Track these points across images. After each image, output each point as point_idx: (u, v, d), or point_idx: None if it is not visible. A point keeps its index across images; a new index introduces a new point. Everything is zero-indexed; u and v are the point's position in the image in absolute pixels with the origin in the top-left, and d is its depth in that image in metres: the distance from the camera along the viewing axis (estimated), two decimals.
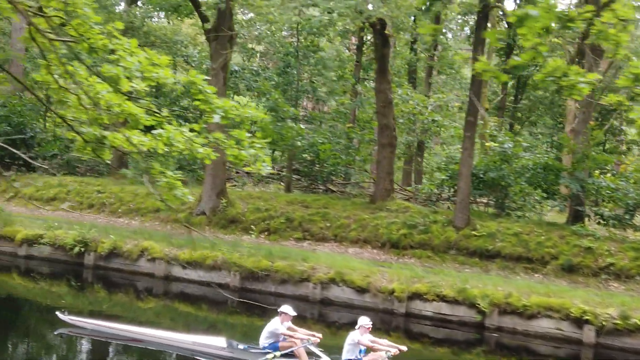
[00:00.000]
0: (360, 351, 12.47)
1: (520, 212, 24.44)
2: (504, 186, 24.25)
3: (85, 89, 6.91)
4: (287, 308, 13.00)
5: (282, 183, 30.82)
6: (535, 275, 20.33)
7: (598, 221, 23.26)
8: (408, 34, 34.05)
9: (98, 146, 7.07)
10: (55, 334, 14.99)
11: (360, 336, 12.37)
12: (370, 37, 34.32)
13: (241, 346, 13.19)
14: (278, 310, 13.06)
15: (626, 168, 26.06)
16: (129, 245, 20.92)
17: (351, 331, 12.69)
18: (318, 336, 12.78)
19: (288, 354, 12.56)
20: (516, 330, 16.95)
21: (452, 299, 17.53)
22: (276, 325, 12.81)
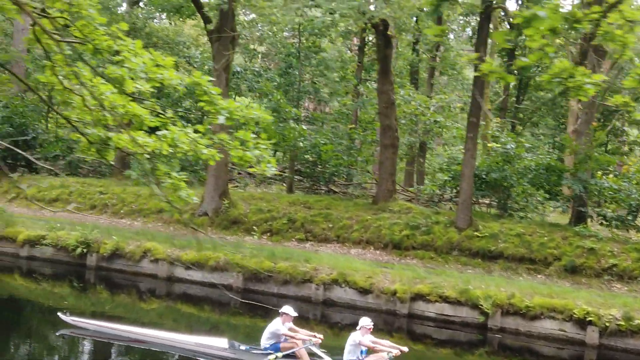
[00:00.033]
0: (361, 352, 12.47)
1: (522, 213, 24.42)
2: (507, 187, 24.23)
3: (89, 90, 6.91)
4: (288, 309, 13.00)
5: (284, 184, 30.79)
6: (538, 276, 20.30)
7: (601, 222, 23.21)
8: (410, 35, 34.05)
9: (102, 147, 7.06)
10: (57, 335, 14.98)
11: (361, 337, 12.36)
12: (372, 38, 34.36)
13: (243, 347, 13.20)
14: (279, 311, 13.07)
15: (628, 169, 25.99)
16: (132, 246, 20.90)
17: (352, 332, 12.70)
18: (319, 337, 12.79)
19: (289, 355, 12.56)
20: (519, 331, 16.94)
21: (455, 300, 17.53)
22: (277, 325, 12.82)
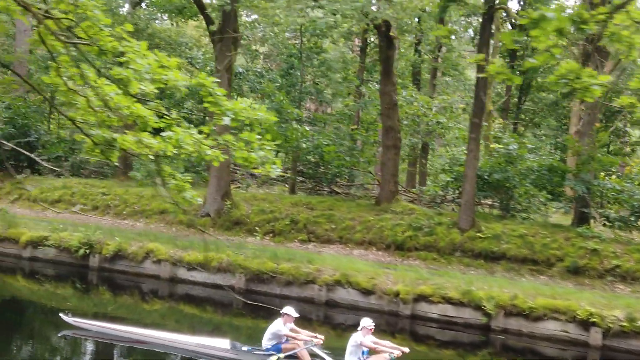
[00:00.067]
0: (363, 352, 12.45)
1: (525, 214, 24.38)
2: (509, 188, 24.19)
3: (96, 91, 6.90)
4: (290, 309, 13.00)
5: (287, 185, 30.79)
6: (540, 277, 20.27)
7: (603, 223, 23.17)
8: (412, 36, 34.04)
9: (107, 148, 7.06)
10: (59, 336, 14.98)
11: (362, 337, 12.35)
12: (374, 39, 34.37)
13: (245, 348, 13.20)
14: (280, 311, 13.07)
15: (631, 170, 25.97)
16: (134, 247, 20.89)
17: (353, 333, 12.70)
18: (320, 337, 12.80)
19: (291, 356, 12.57)
20: (522, 332, 16.89)
21: (458, 301, 17.48)
22: (279, 326, 12.82)
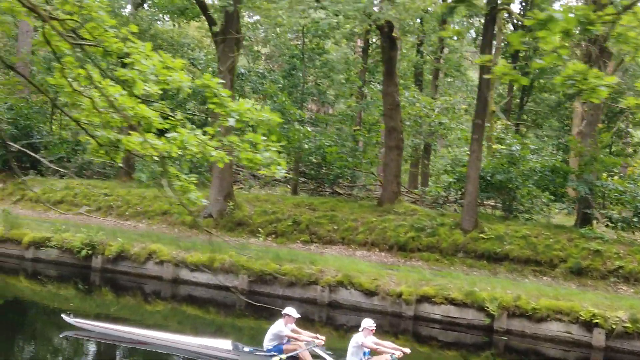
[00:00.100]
0: (364, 353, 12.46)
1: (527, 215, 24.36)
2: (512, 189, 24.16)
3: (103, 92, 6.90)
4: (291, 310, 13.02)
5: (289, 186, 30.77)
6: (543, 278, 20.25)
7: (606, 224, 23.14)
8: (414, 37, 34.01)
9: (112, 149, 7.06)
10: (61, 337, 15.02)
11: (364, 338, 12.37)
12: (375, 40, 34.36)
13: (247, 349, 13.22)
14: (282, 312, 13.08)
15: (634, 170, 25.94)
16: (137, 248, 20.90)
17: (355, 334, 12.70)
18: (322, 338, 12.82)
19: (293, 357, 12.58)
20: (525, 333, 16.89)
21: (461, 302, 17.48)
22: (280, 327, 12.84)
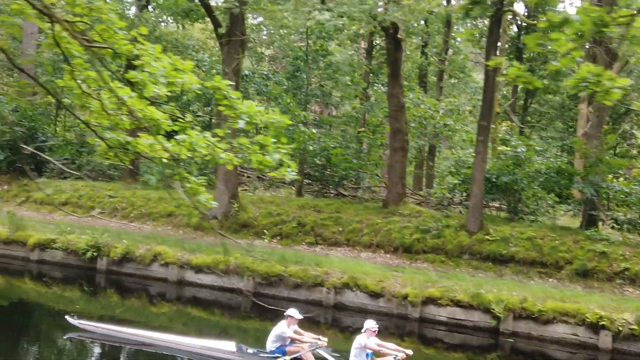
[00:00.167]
0: (367, 355, 12.46)
1: (532, 217, 24.32)
2: (517, 190, 24.11)
3: (115, 94, 6.89)
4: (294, 311, 13.05)
5: (294, 187, 30.76)
6: (549, 280, 20.20)
7: (612, 225, 23.09)
8: (418, 38, 33.99)
9: (121, 152, 7.05)
10: (65, 338, 15.04)
11: (366, 340, 12.38)
12: (379, 42, 34.35)
13: (251, 350, 13.25)
14: (284, 313, 13.09)
15: (639, 172, 25.87)
16: (142, 250, 20.91)
17: (357, 335, 12.70)
18: (324, 339, 12.83)
19: (296, 358, 12.59)
20: (531, 335, 16.85)
21: (467, 304, 17.44)
22: (283, 328, 12.85)
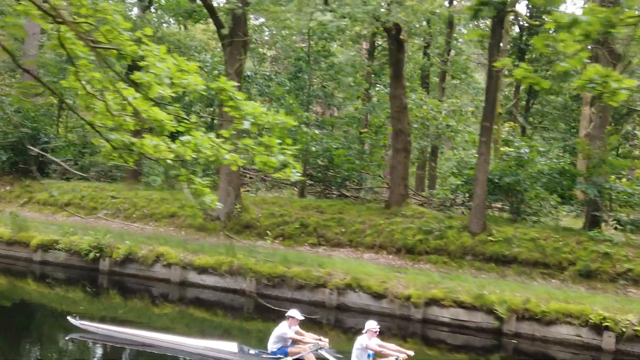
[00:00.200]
0: (368, 355, 12.48)
1: (535, 217, 24.26)
2: (520, 191, 24.05)
3: (113, 95, 6.89)
4: (295, 312, 13.05)
5: (296, 188, 30.75)
6: (552, 280, 20.16)
7: (615, 226, 23.05)
8: (420, 39, 33.97)
9: (126, 152, 7.05)
10: (66, 339, 15.04)
11: (368, 340, 12.39)
12: (381, 42, 34.33)
13: (252, 351, 13.27)
14: (286, 314, 13.08)
15: None
16: (144, 250, 20.90)
17: (359, 336, 12.70)
18: (325, 340, 12.83)
19: (298, 359, 12.58)
20: (535, 336, 16.81)
21: (470, 305, 17.40)
22: (284, 329, 12.85)
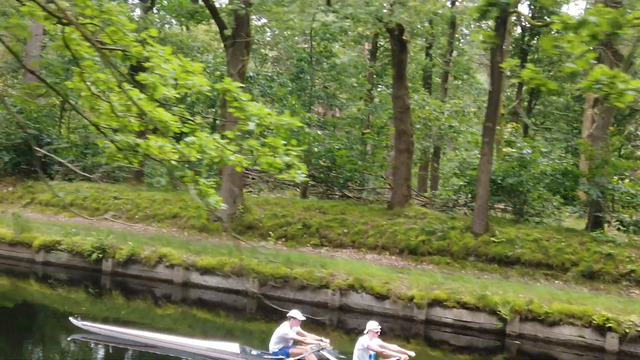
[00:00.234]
0: (370, 356, 12.50)
1: (538, 218, 24.23)
2: (522, 192, 24.03)
3: (118, 96, 6.90)
4: (296, 312, 13.07)
5: (298, 189, 30.75)
6: (555, 281, 20.14)
7: (618, 227, 23.02)
8: (422, 39, 33.96)
9: (131, 154, 7.05)
10: (68, 340, 15.05)
11: (369, 341, 12.40)
12: (383, 43, 34.31)
13: (254, 352, 13.27)
14: (287, 315, 13.08)
15: None
16: (147, 251, 20.91)
17: (360, 336, 12.70)
18: (326, 341, 12.85)
19: None
20: (538, 337, 16.81)
21: (473, 306, 17.40)
22: (285, 330, 12.87)
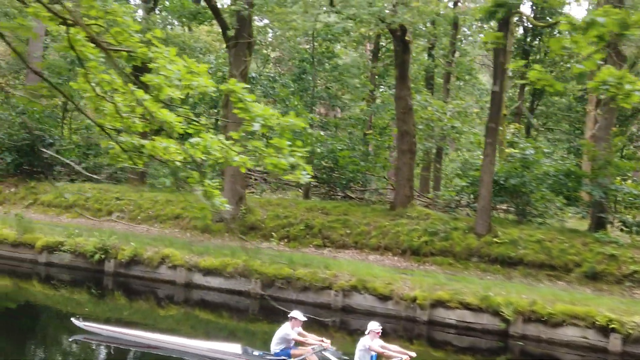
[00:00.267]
0: (371, 357, 12.48)
1: (541, 219, 24.19)
2: (525, 193, 23.99)
3: (122, 97, 6.89)
4: (297, 313, 13.08)
5: (301, 190, 30.74)
6: (558, 282, 20.11)
7: (621, 228, 22.98)
8: (425, 40, 33.93)
9: (135, 155, 7.04)
10: (70, 341, 15.05)
11: (370, 341, 12.39)
12: (385, 44, 34.31)
13: (256, 353, 13.27)
14: (288, 315, 13.08)
15: None
16: (150, 252, 20.91)
17: (361, 337, 12.69)
18: (327, 342, 12.85)
19: None
20: (541, 338, 16.78)
21: (476, 307, 17.39)
22: (287, 330, 12.87)
